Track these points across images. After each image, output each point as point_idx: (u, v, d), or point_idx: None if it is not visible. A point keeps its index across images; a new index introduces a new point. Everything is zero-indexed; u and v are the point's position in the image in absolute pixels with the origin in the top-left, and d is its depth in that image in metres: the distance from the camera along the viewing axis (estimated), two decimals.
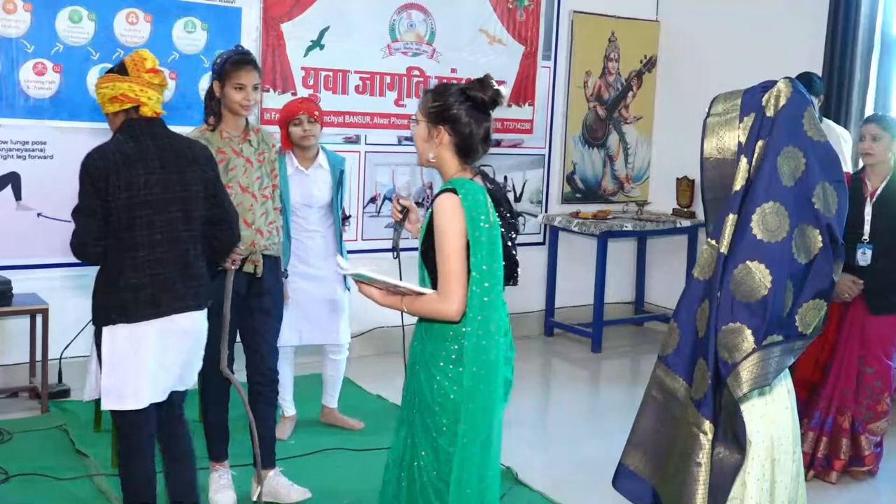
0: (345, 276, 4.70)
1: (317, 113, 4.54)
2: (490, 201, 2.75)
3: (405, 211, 3.03)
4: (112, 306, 3.12)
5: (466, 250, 2.67)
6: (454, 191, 2.69)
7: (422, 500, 2.77)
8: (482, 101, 2.76)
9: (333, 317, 4.75)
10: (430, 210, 2.75)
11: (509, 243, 2.93)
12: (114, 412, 3.23)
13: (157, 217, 3.12)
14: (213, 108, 3.82)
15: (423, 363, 2.79)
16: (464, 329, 2.69)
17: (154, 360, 3.16)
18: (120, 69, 3.24)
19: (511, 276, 2.95)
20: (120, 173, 3.07)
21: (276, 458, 4.10)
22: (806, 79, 5.42)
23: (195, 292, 3.25)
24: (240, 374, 3.95)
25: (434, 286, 2.73)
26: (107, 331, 3.13)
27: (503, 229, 2.84)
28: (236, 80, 3.74)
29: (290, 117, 4.50)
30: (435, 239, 2.68)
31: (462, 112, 2.74)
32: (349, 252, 5.04)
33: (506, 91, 6.70)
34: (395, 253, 3.00)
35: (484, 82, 2.77)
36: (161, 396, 3.25)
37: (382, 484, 2.96)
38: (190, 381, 3.38)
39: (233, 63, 3.76)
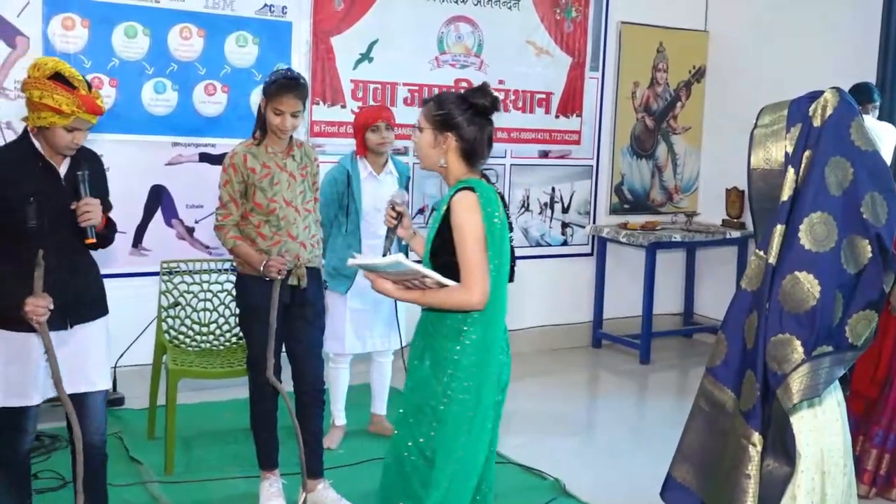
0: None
1: (393, 120, 4.65)
2: (500, 202, 2.91)
3: (399, 217, 3.15)
4: None
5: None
6: (471, 189, 2.83)
7: (404, 486, 2.91)
8: (483, 107, 2.89)
9: (393, 322, 4.81)
10: (437, 210, 2.89)
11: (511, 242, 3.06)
12: None
13: None
14: (260, 123, 3.89)
15: (431, 354, 2.89)
16: (473, 316, 2.82)
17: None
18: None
19: (510, 273, 3.07)
20: None
21: (325, 468, 4.13)
22: (864, 88, 5.36)
23: None
24: (286, 384, 3.99)
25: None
26: None
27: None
28: (277, 105, 3.78)
29: (368, 123, 4.58)
30: (455, 234, 2.80)
31: (466, 118, 2.88)
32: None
33: (554, 101, 6.73)
34: (389, 258, 3.05)
35: (483, 89, 2.92)
36: None
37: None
38: None
39: (278, 87, 3.78)
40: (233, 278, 4.95)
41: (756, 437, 2.34)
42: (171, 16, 5.31)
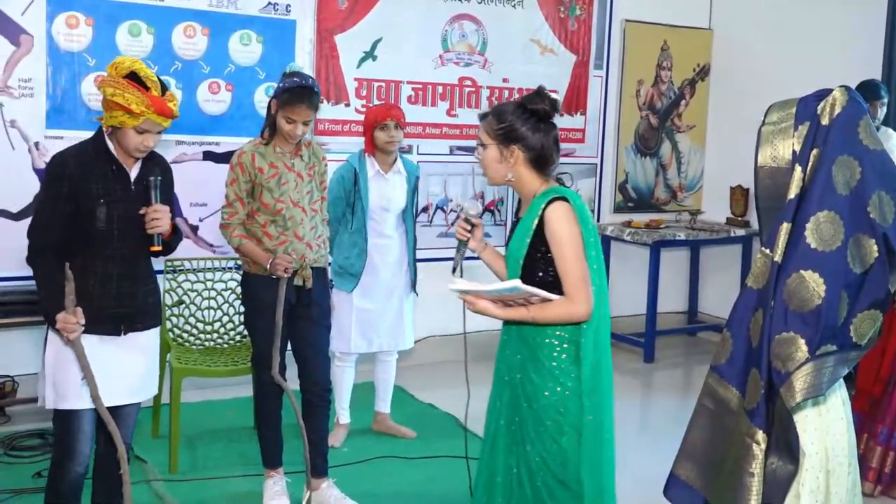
0: (413, 283, 4.76)
1: (402, 119, 4.64)
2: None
3: (472, 230, 3.06)
4: None
5: None
6: (563, 198, 2.78)
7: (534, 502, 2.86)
8: (545, 112, 2.82)
9: (401, 323, 4.81)
10: (524, 222, 2.83)
11: None
12: None
13: None
14: (269, 123, 3.87)
15: (534, 368, 2.86)
16: (582, 326, 2.80)
17: None
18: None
19: None
20: None
21: (329, 466, 4.13)
22: (871, 86, 5.34)
23: None
24: (292, 383, 3.99)
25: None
26: None
27: None
28: (289, 113, 3.75)
29: (377, 122, 4.57)
30: (553, 246, 2.77)
31: (530, 127, 2.81)
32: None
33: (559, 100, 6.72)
34: (458, 272, 3.03)
35: (540, 93, 2.84)
36: None
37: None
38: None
39: (291, 95, 3.74)
40: (237, 276, 4.95)
41: (760, 435, 2.33)
42: (175, 14, 5.31)
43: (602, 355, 2.86)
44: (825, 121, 2.37)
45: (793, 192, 2.37)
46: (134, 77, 3.02)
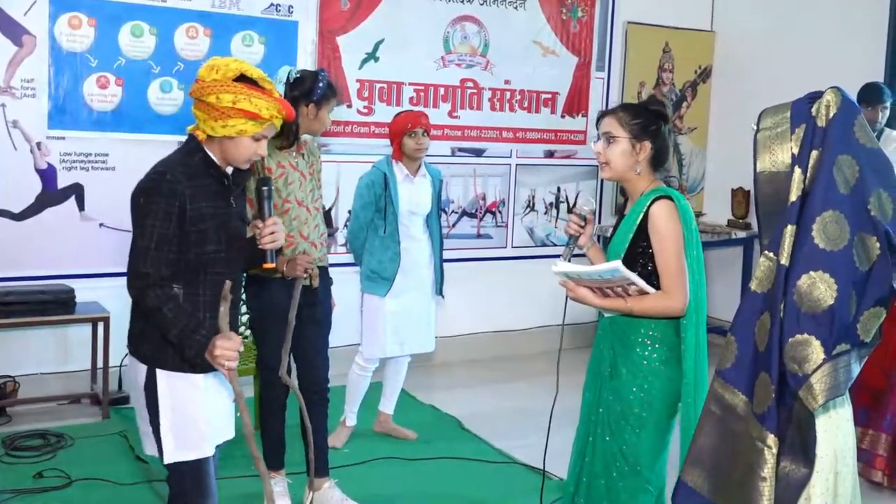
0: (441, 284, 4.78)
1: (430, 127, 4.71)
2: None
3: (584, 226, 3.13)
4: None
5: None
6: (669, 197, 2.91)
7: (612, 493, 2.99)
8: (666, 116, 3.00)
9: (427, 325, 4.86)
10: (628, 219, 2.95)
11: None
12: None
13: None
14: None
15: (625, 364, 2.97)
16: (683, 322, 2.91)
17: None
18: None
19: None
20: None
21: (330, 467, 4.13)
22: (874, 89, 5.33)
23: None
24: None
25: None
26: None
27: None
28: (329, 107, 3.90)
29: (406, 129, 4.61)
30: (655, 242, 2.89)
31: (660, 126, 2.97)
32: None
33: (560, 101, 6.73)
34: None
35: (657, 100, 3.10)
36: None
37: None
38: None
39: (333, 90, 3.92)
40: (239, 277, 4.95)
41: (772, 439, 2.32)
42: (177, 15, 5.32)
43: (701, 354, 2.95)
44: (821, 122, 2.37)
45: (794, 195, 2.36)
46: (245, 79, 2.70)
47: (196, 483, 2.78)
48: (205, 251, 2.69)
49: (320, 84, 3.86)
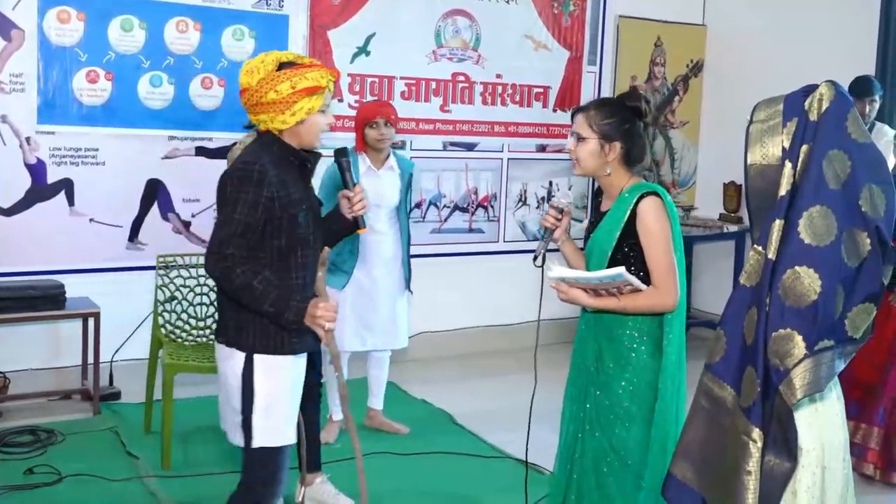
0: (408, 281, 4.73)
1: (393, 117, 4.62)
2: None
3: (560, 220, 3.08)
4: None
5: None
6: (656, 193, 2.89)
7: (617, 491, 2.96)
8: (643, 111, 2.94)
9: (395, 321, 4.79)
10: (612, 215, 2.91)
11: None
12: None
13: None
14: None
15: (612, 359, 2.96)
16: (668, 316, 2.91)
17: None
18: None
19: None
20: None
21: (322, 462, 4.13)
22: (863, 82, 5.34)
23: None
24: None
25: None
26: None
27: None
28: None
29: (367, 120, 4.55)
30: (645, 239, 2.86)
31: (633, 124, 2.92)
32: None
33: (552, 95, 6.72)
34: (540, 261, 3.02)
35: (636, 94, 2.99)
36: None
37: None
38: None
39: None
40: None
41: (757, 433, 2.33)
42: (167, 9, 5.30)
43: (682, 347, 2.97)
44: (813, 116, 2.36)
45: (784, 189, 2.36)
46: (287, 65, 2.77)
47: (277, 468, 2.90)
48: (295, 235, 2.78)
49: None
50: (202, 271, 4.96)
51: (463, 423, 5.16)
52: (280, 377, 2.83)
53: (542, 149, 6.79)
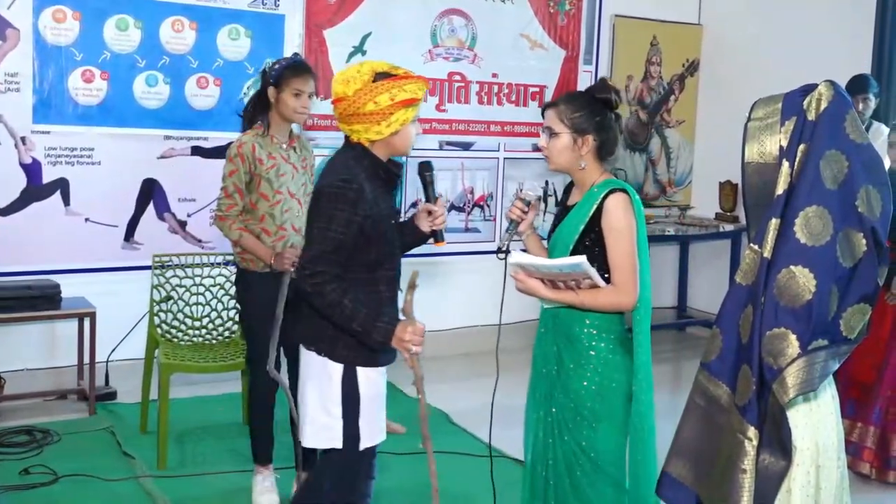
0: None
1: None
2: None
3: (526, 212, 3.07)
4: None
5: None
6: (623, 190, 2.85)
7: (592, 493, 2.91)
8: (614, 103, 2.89)
9: None
10: (579, 210, 2.88)
11: None
12: None
13: None
14: (264, 112, 3.87)
15: (571, 358, 2.91)
16: (637, 316, 2.89)
17: None
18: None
19: None
20: None
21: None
22: (859, 80, 5.34)
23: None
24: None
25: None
26: None
27: None
28: (295, 86, 3.79)
29: None
30: (609, 236, 2.82)
31: (604, 117, 2.87)
32: None
33: (548, 95, 6.72)
34: (504, 254, 2.99)
35: (605, 85, 2.90)
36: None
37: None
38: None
39: (292, 69, 3.81)
40: (225, 272, 4.94)
41: (752, 431, 2.33)
42: (162, 8, 5.29)
43: (649, 348, 2.95)
44: (812, 116, 2.36)
45: (781, 188, 2.36)
46: (382, 76, 2.80)
47: (367, 466, 3.03)
48: (383, 249, 2.83)
49: (276, 66, 3.84)
50: (198, 271, 4.96)
51: (460, 423, 5.16)
52: (378, 385, 2.95)
53: (537, 148, 6.76)
